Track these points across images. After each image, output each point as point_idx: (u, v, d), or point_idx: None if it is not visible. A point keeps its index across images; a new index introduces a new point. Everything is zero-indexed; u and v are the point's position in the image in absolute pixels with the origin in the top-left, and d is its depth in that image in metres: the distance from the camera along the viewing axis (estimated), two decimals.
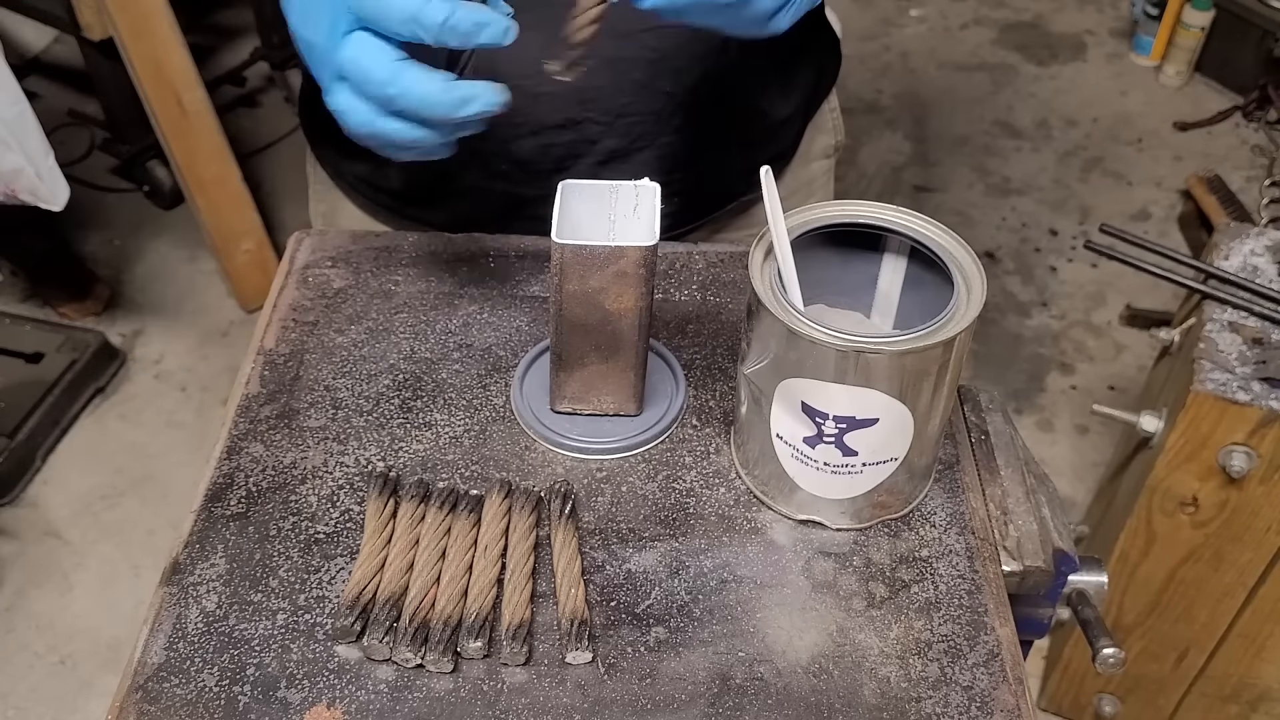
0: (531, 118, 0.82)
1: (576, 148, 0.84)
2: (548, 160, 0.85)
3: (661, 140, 0.85)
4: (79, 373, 2.02)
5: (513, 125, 0.82)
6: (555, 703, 0.59)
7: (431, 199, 0.90)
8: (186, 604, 0.63)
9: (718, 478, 0.70)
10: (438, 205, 0.90)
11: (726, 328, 0.79)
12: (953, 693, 0.60)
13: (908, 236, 0.65)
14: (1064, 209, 2.51)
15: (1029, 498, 0.70)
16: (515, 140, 0.83)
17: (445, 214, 0.91)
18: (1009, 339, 2.23)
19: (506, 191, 0.87)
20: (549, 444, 0.71)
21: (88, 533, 1.88)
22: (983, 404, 0.76)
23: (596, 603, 0.63)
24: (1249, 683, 1.45)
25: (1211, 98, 2.79)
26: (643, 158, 0.86)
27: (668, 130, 0.85)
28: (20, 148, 1.62)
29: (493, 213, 0.89)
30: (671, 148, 0.86)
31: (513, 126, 0.82)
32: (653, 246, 0.64)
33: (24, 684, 1.69)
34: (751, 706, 0.59)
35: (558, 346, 0.69)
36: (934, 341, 0.59)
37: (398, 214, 0.93)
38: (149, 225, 2.37)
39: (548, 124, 0.83)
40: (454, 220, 0.90)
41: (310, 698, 0.59)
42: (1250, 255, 1.31)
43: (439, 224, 0.91)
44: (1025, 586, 0.68)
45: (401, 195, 0.92)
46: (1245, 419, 1.17)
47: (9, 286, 2.22)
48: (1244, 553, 1.30)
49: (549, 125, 0.83)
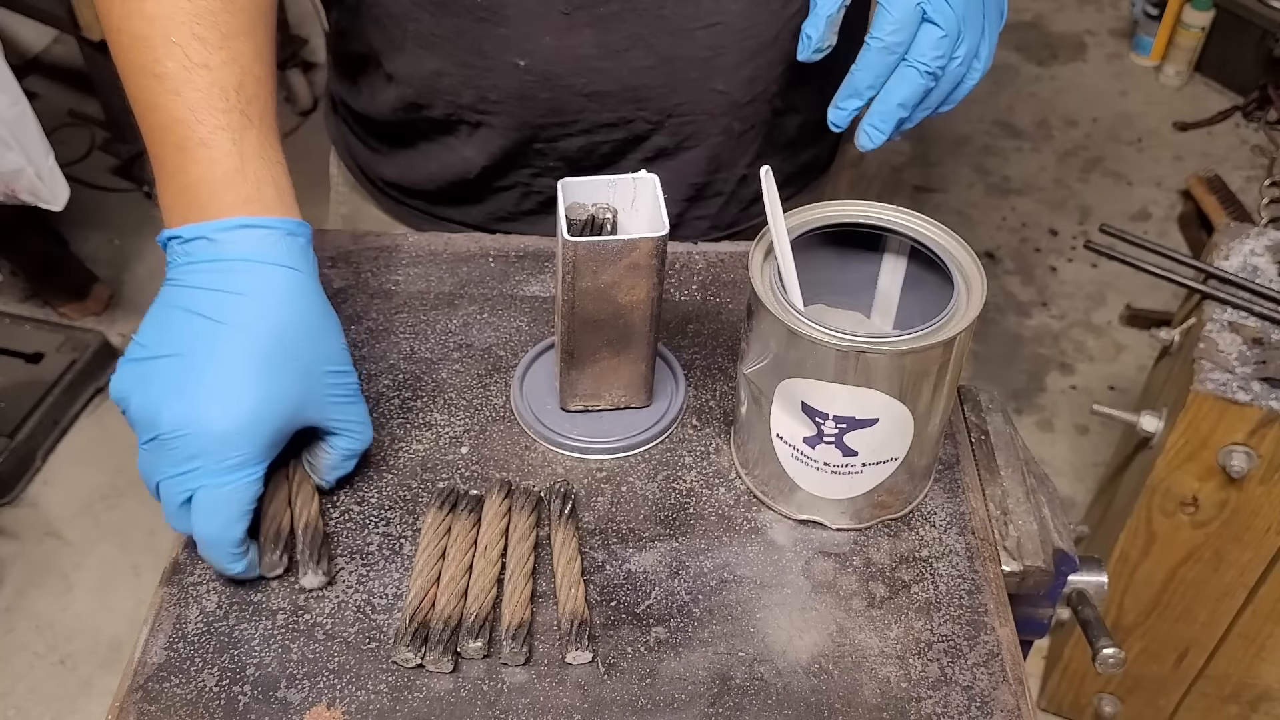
0: (583, 117, 0.82)
1: (625, 146, 0.84)
2: (595, 158, 0.85)
3: (710, 140, 0.85)
4: (79, 373, 2.02)
5: (562, 125, 0.82)
6: (555, 703, 0.59)
7: (472, 198, 0.90)
8: (186, 604, 0.63)
9: (718, 478, 0.70)
10: (477, 204, 0.90)
11: (726, 328, 0.79)
12: (953, 693, 0.60)
13: (908, 236, 0.65)
14: (1064, 209, 2.51)
15: (1029, 498, 0.70)
16: (565, 138, 0.83)
17: (482, 212, 0.91)
18: (1009, 339, 2.23)
19: (549, 187, 0.87)
20: (549, 444, 0.71)
21: (88, 533, 1.88)
22: (983, 404, 0.76)
23: (596, 603, 0.63)
24: (1249, 683, 1.45)
25: (1211, 98, 2.79)
26: (689, 157, 0.86)
27: (716, 130, 0.85)
28: (20, 148, 1.62)
29: (530, 209, 0.89)
30: (718, 148, 0.86)
31: (562, 125, 0.83)
32: (664, 236, 0.64)
33: (24, 684, 1.69)
34: (751, 706, 0.59)
35: (569, 345, 0.68)
36: (934, 341, 0.59)
37: (429, 215, 0.93)
38: (149, 225, 2.37)
39: (600, 123, 0.83)
40: (489, 218, 0.90)
41: (310, 698, 0.59)
42: (1250, 255, 1.31)
43: (473, 223, 0.91)
44: (1025, 586, 0.68)
45: (436, 196, 0.91)
46: (1245, 419, 1.17)
47: (9, 286, 2.22)
48: (1244, 553, 1.30)
49: (601, 124, 0.83)
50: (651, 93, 0.81)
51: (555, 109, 0.81)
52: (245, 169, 0.63)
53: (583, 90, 0.80)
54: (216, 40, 0.65)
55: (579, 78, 0.79)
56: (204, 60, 0.64)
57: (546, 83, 0.79)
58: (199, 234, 0.62)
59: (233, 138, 0.64)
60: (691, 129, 0.84)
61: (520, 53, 0.78)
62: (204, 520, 0.60)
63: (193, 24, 0.64)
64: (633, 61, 0.79)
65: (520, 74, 0.79)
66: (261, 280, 0.62)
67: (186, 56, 0.64)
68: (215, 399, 0.59)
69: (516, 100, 0.81)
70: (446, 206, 0.92)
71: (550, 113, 0.81)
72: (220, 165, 0.63)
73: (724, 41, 0.79)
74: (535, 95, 0.80)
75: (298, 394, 0.62)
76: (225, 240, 0.62)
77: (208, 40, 0.64)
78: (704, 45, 0.79)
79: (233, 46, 0.65)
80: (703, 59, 0.80)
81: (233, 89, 0.64)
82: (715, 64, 0.80)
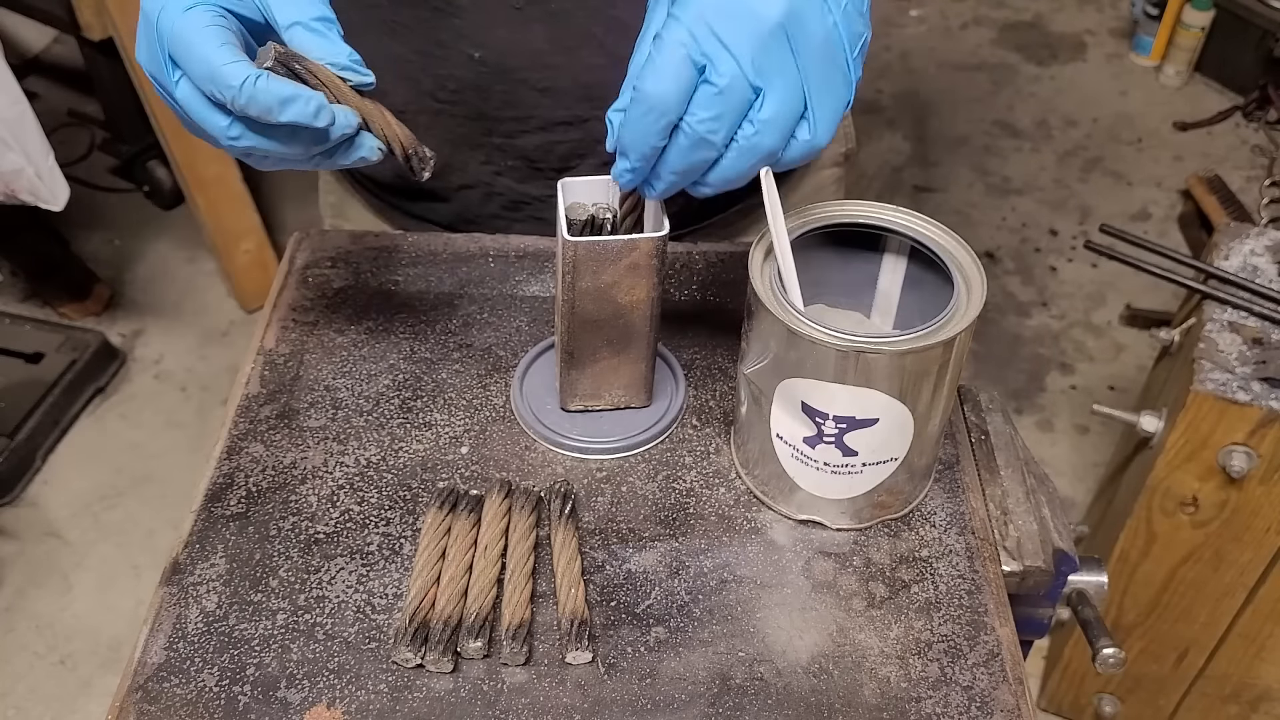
0: (538, 113, 0.82)
1: (582, 146, 0.84)
2: (553, 158, 0.85)
3: None
4: (79, 373, 2.02)
5: (519, 120, 0.82)
6: (555, 703, 0.59)
7: (433, 195, 0.90)
8: (186, 604, 0.63)
9: (718, 478, 0.70)
10: (440, 201, 0.90)
11: (726, 328, 0.79)
12: (953, 693, 0.60)
13: (908, 236, 0.65)
14: (1064, 209, 2.51)
15: (1029, 498, 0.70)
16: (522, 135, 0.83)
17: (447, 212, 0.91)
18: (1009, 339, 2.23)
19: (510, 188, 0.87)
20: (549, 444, 0.71)
21: (88, 533, 1.88)
22: (983, 404, 0.76)
23: (596, 603, 0.63)
24: (1249, 683, 1.45)
25: (1211, 98, 2.79)
26: None
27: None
28: (20, 148, 1.62)
29: (495, 211, 0.89)
30: None
31: (519, 121, 0.82)
32: (664, 236, 0.64)
33: (24, 684, 1.69)
34: (751, 706, 0.59)
35: (569, 345, 0.68)
36: (934, 341, 0.59)
37: (401, 210, 0.93)
38: (149, 225, 2.37)
39: (555, 120, 0.82)
40: (456, 218, 0.90)
41: (310, 698, 0.59)
42: (1250, 255, 1.31)
43: (442, 222, 0.91)
44: (1025, 586, 0.68)
45: (402, 192, 0.92)
46: (1245, 419, 1.17)
47: (9, 286, 2.22)
48: (1244, 553, 1.30)
49: (556, 122, 0.82)
50: (606, 91, 0.79)
51: (510, 102, 0.81)
52: None
53: (537, 85, 0.80)
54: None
55: (532, 72, 0.79)
56: None
57: (501, 75, 0.80)
58: None
59: None
60: None
61: (474, 44, 0.78)
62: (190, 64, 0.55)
63: None
64: (586, 58, 0.79)
65: (475, 65, 0.79)
66: None
67: None
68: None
69: (473, 91, 0.81)
70: (415, 202, 0.92)
71: (505, 105, 0.81)
72: None
73: None
74: (490, 87, 0.80)
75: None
76: None
77: None
78: None
79: None
80: None
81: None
82: None
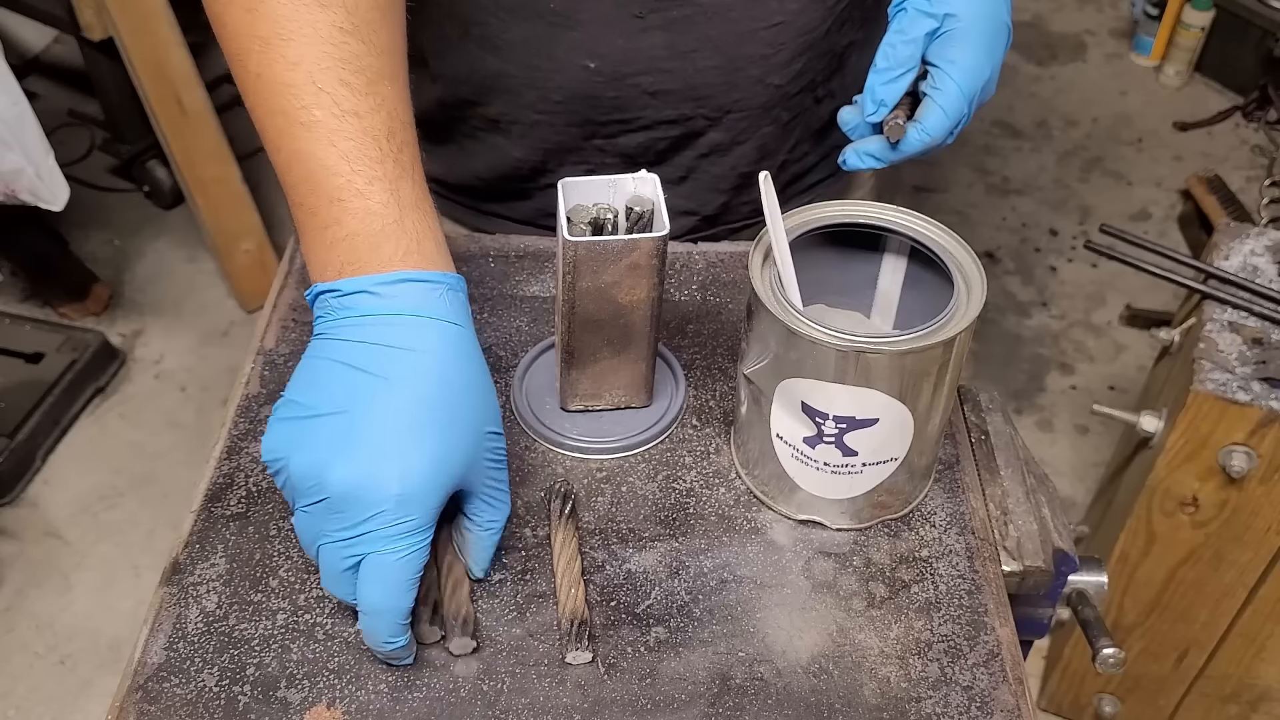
0: (645, 114, 0.83)
1: (681, 142, 0.86)
2: (650, 154, 0.86)
3: (761, 131, 0.86)
4: (79, 373, 2.02)
5: (623, 122, 0.83)
6: (555, 703, 0.59)
7: (521, 194, 0.90)
8: (186, 604, 0.63)
9: (718, 478, 0.70)
10: (526, 200, 0.91)
11: (726, 328, 0.79)
12: (953, 693, 0.60)
13: (908, 236, 0.65)
14: (1064, 209, 2.51)
15: (1029, 498, 0.70)
16: (625, 134, 0.84)
17: (530, 208, 0.91)
18: (1009, 339, 2.23)
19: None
20: (549, 444, 0.71)
21: (88, 533, 1.88)
22: (983, 404, 0.76)
23: (596, 603, 0.63)
24: (1249, 683, 1.45)
25: (1211, 98, 2.79)
26: (742, 150, 0.87)
27: (767, 122, 0.86)
28: (20, 148, 1.62)
29: None
30: (767, 138, 0.87)
31: (623, 123, 0.83)
32: (664, 236, 0.64)
33: (24, 684, 1.69)
34: (751, 706, 0.59)
35: (569, 345, 0.68)
36: (934, 341, 0.59)
37: (474, 210, 0.93)
38: (149, 225, 2.37)
39: (659, 120, 0.84)
40: (538, 214, 0.91)
41: (310, 698, 0.59)
42: (1250, 255, 1.31)
43: (521, 219, 0.91)
44: (1025, 586, 0.68)
45: (483, 192, 0.91)
46: (1245, 419, 1.17)
47: (9, 286, 2.22)
48: (1244, 553, 1.30)
49: (660, 121, 0.84)
50: (713, 90, 0.82)
51: (619, 107, 0.82)
52: (404, 221, 0.60)
53: (648, 89, 0.81)
54: (363, 86, 0.60)
55: (645, 77, 0.80)
56: (353, 107, 0.60)
57: (614, 82, 0.80)
58: (360, 288, 0.58)
59: (389, 188, 0.60)
60: (745, 123, 0.85)
61: (590, 55, 0.79)
62: (375, 588, 0.57)
63: (339, 69, 0.60)
64: (699, 61, 0.80)
65: (589, 75, 0.80)
66: (426, 335, 0.58)
67: (335, 104, 0.60)
68: (389, 459, 0.56)
69: (581, 100, 0.82)
70: (493, 202, 0.92)
71: (613, 110, 0.82)
72: (379, 217, 0.59)
73: (783, 39, 0.81)
74: (601, 95, 0.81)
75: (465, 455, 0.58)
76: (388, 294, 0.58)
77: (355, 86, 0.60)
78: (766, 43, 0.81)
79: (379, 91, 0.61)
80: (763, 56, 0.81)
81: (384, 136, 0.61)
82: (773, 60, 0.82)
